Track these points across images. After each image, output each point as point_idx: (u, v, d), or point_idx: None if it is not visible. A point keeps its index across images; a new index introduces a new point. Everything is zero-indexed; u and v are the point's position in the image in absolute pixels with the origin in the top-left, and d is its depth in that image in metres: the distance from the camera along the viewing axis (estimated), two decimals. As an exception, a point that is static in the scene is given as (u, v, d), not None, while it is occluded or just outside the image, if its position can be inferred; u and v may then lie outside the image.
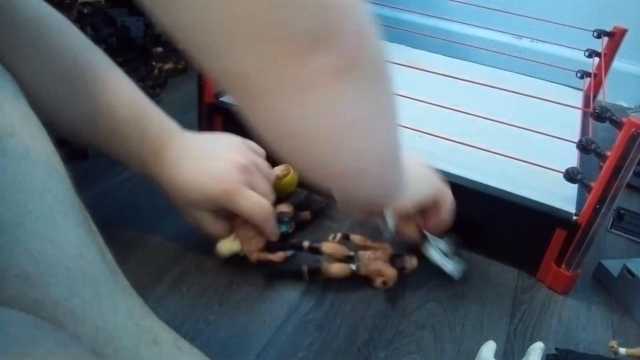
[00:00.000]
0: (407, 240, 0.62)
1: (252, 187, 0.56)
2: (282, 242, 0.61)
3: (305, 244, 0.60)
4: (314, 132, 0.35)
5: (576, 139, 0.62)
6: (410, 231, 0.61)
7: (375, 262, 0.59)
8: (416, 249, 0.62)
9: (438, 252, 0.61)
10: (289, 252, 0.61)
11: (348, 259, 0.60)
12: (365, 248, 0.61)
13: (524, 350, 0.53)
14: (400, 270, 0.60)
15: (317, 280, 0.59)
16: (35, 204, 0.35)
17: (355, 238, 0.61)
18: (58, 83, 0.52)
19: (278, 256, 0.60)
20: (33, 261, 0.34)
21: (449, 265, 0.61)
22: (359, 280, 0.61)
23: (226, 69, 0.31)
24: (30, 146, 0.37)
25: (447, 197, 0.60)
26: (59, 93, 0.52)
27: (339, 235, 0.61)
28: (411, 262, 0.61)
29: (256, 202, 0.56)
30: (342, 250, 0.60)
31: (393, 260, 0.60)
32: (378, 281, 0.59)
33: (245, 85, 0.32)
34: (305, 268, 0.59)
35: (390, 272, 0.59)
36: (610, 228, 0.78)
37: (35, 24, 0.49)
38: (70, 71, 0.52)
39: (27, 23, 0.49)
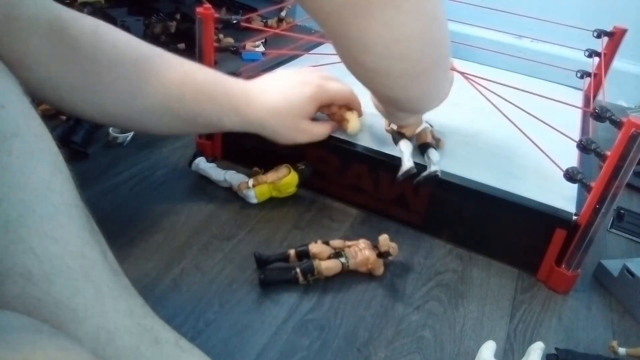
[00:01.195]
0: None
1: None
2: (268, 257, 0.61)
3: (291, 251, 0.61)
4: (411, 31, 0.44)
5: (576, 139, 0.62)
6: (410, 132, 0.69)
7: (362, 252, 0.61)
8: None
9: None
10: None
11: (336, 255, 0.61)
12: (346, 247, 0.62)
13: (524, 350, 0.53)
14: (386, 256, 0.62)
15: (311, 279, 0.59)
16: (39, 203, 0.36)
17: (335, 242, 0.62)
18: (120, 80, 0.58)
19: None
20: (36, 260, 0.34)
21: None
22: (359, 281, 0.61)
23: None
24: (34, 146, 0.37)
25: None
26: (122, 88, 0.58)
27: (319, 242, 0.62)
28: (394, 248, 0.62)
29: (339, 85, 0.68)
30: (328, 249, 0.61)
31: (376, 250, 0.61)
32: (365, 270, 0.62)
33: (356, 8, 0.41)
34: (298, 270, 0.59)
35: (377, 260, 0.61)
36: (610, 228, 0.78)
37: (88, 35, 0.56)
38: (134, 64, 0.59)
39: (81, 37, 0.55)
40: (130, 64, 0.58)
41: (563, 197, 0.65)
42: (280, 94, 0.64)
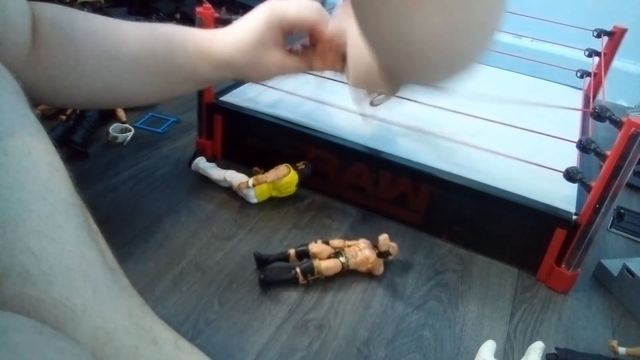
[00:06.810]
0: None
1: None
2: (268, 256, 0.61)
3: (291, 251, 0.61)
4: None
5: (576, 139, 0.62)
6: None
7: (362, 251, 0.61)
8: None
9: None
10: None
11: (336, 255, 0.61)
12: (346, 247, 0.62)
13: (524, 350, 0.53)
14: (386, 256, 0.62)
15: (311, 279, 0.59)
16: (37, 203, 0.36)
17: (335, 242, 0.62)
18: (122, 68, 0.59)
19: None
20: (34, 260, 0.34)
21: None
22: (359, 280, 0.61)
23: None
24: (31, 146, 0.37)
25: None
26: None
27: (319, 241, 0.62)
28: (394, 247, 0.62)
29: (299, 3, 0.62)
30: (328, 248, 0.61)
31: (376, 249, 0.61)
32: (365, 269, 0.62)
33: None
34: (298, 269, 0.59)
35: (377, 260, 0.61)
36: (610, 228, 0.78)
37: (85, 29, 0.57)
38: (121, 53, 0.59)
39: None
40: (101, 31, 0.58)
41: (563, 197, 0.65)
42: (240, 27, 0.62)
